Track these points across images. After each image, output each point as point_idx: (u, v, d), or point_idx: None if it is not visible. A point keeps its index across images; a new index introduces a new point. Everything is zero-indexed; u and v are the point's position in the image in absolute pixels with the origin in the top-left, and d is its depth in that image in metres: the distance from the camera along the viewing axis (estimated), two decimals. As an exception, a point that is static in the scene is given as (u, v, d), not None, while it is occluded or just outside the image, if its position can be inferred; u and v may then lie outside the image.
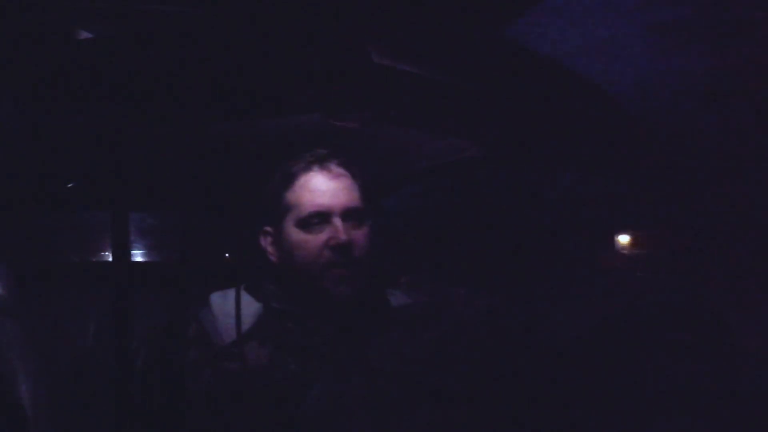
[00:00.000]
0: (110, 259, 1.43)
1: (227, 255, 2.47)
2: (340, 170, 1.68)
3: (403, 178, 2.17)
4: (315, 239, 1.64)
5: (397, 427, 1.58)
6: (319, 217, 1.64)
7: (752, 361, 1.67)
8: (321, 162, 1.67)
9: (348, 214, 1.65)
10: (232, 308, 1.62)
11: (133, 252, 2.30)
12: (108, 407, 1.36)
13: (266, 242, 1.72)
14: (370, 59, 1.39)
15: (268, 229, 1.72)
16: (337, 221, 1.63)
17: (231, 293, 1.66)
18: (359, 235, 1.65)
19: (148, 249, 2.35)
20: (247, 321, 1.62)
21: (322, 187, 1.65)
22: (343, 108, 1.58)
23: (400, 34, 1.43)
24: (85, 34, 1.26)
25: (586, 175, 1.94)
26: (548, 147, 1.78)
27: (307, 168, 1.67)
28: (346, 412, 1.56)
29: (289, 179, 1.68)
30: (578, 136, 1.73)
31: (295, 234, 1.65)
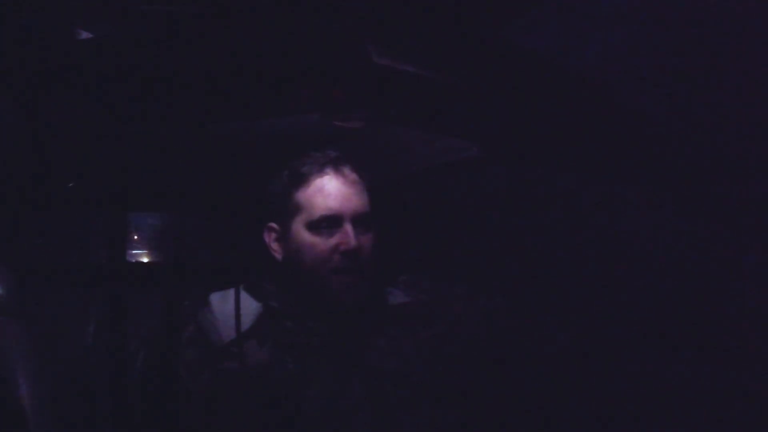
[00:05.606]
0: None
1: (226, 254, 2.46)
2: (353, 175, 1.67)
3: (403, 178, 2.17)
4: (324, 243, 1.63)
5: (395, 425, 1.58)
6: (330, 221, 1.63)
7: (752, 361, 1.67)
8: (335, 165, 1.66)
9: (358, 220, 1.64)
10: (230, 308, 1.62)
11: (133, 252, 2.30)
12: (108, 407, 1.36)
13: (270, 238, 1.72)
14: (370, 59, 1.39)
15: (274, 225, 1.71)
16: (348, 226, 1.63)
17: (230, 293, 1.66)
18: (367, 240, 1.65)
19: (148, 249, 2.34)
20: (246, 320, 1.61)
21: (335, 192, 1.64)
22: (343, 108, 1.58)
23: (400, 34, 1.43)
24: (85, 34, 1.26)
25: (586, 176, 1.93)
26: (548, 147, 1.78)
27: (321, 170, 1.66)
28: (345, 411, 1.56)
29: (300, 179, 1.66)
30: (578, 136, 1.73)
31: (304, 235, 1.65)
